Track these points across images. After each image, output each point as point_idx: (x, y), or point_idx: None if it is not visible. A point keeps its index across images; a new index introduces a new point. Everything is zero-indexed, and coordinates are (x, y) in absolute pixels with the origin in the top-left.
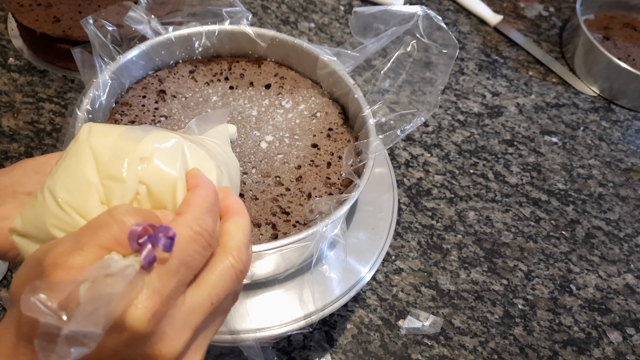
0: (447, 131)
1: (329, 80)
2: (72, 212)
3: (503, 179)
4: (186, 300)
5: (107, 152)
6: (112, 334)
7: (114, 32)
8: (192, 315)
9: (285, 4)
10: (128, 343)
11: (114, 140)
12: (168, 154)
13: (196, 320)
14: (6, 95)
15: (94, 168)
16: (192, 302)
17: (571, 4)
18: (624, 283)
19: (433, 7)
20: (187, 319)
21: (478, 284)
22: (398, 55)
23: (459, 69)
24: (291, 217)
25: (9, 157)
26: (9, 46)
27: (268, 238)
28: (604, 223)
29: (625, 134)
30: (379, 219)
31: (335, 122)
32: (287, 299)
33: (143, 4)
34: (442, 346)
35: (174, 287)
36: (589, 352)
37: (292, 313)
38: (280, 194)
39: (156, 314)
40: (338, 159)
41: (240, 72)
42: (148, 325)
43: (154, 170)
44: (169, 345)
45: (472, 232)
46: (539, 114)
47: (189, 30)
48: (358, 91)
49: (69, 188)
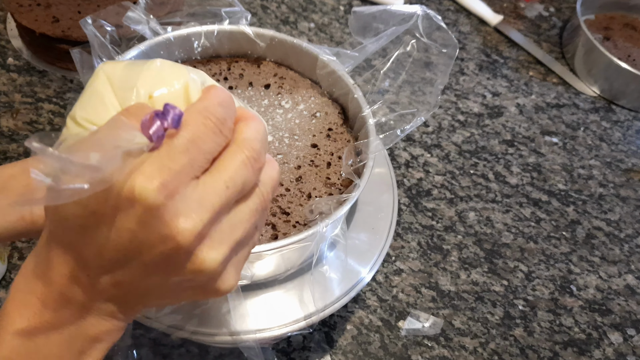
0: (447, 131)
1: (328, 80)
2: (89, 125)
3: (503, 180)
4: (200, 182)
5: (119, 72)
6: (125, 211)
7: (112, 32)
8: (207, 196)
9: (285, 4)
10: (142, 220)
11: (125, 64)
12: (178, 67)
13: (212, 202)
14: (5, 96)
15: (107, 84)
16: (207, 184)
17: (571, 4)
18: (625, 284)
19: (433, 7)
20: (203, 200)
21: (478, 285)
22: (398, 55)
23: (459, 69)
24: (291, 218)
25: (8, 157)
26: (8, 46)
27: (268, 238)
28: (605, 224)
29: (626, 134)
30: (379, 219)
31: (335, 122)
32: (287, 300)
33: (142, 4)
34: (442, 347)
35: (183, 163)
36: (590, 353)
37: (292, 314)
38: (280, 195)
39: (165, 184)
40: (338, 159)
41: (240, 72)
42: (157, 194)
43: (166, 75)
44: (186, 223)
45: (472, 232)
46: (539, 114)
47: (187, 30)
48: (358, 91)
49: (86, 107)
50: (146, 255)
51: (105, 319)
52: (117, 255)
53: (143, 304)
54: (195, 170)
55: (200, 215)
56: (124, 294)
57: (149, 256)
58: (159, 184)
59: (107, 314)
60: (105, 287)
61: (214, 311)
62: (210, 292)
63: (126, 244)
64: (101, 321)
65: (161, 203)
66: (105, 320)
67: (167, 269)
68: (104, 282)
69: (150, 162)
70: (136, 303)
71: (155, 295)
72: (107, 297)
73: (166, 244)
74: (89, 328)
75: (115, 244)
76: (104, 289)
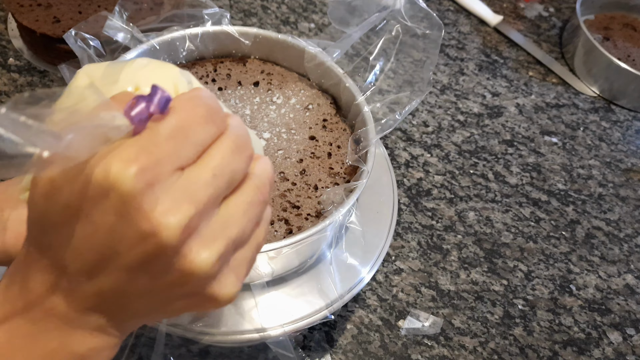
0: (447, 131)
1: (317, 71)
2: None
3: (503, 180)
4: (184, 173)
5: (102, 70)
6: (100, 202)
7: (97, 44)
8: (193, 186)
9: (285, 5)
10: (118, 211)
11: (108, 63)
12: (166, 65)
13: (199, 192)
14: (6, 96)
15: (88, 81)
16: (191, 174)
17: (571, 5)
18: (624, 283)
19: (433, 8)
20: (188, 190)
21: (478, 285)
22: (384, 41)
23: (459, 69)
24: (302, 211)
25: None
26: (9, 46)
27: (283, 233)
28: (604, 223)
29: (625, 134)
30: (379, 218)
31: (329, 113)
32: (304, 292)
33: (116, 12)
34: (442, 346)
35: (168, 151)
36: (589, 352)
37: (313, 304)
38: (287, 189)
39: (144, 170)
40: (337, 149)
41: (227, 73)
42: (135, 180)
43: (154, 73)
44: (169, 215)
45: (472, 232)
46: (539, 114)
47: (172, 35)
48: (348, 80)
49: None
50: (127, 256)
51: (93, 335)
52: (95, 256)
53: (134, 317)
54: (181, 160)
55: (186, 207)
56: (110, 303)
57: (130, 256)
58: (138, 169)
59: (95, 328)
60: (87, 295)
61: (240, 308)
62: (207, 300)
63: (104, 242)
64: (88, 337)
65: (139, 191)
66: (93, 337)
67: (153, 272)
68: (86, 289)
69: (129, 144)
70: (126, 315)
71: (145, 305)
72: (91, 306)
73: (148, 241)
74: (75, 344)
75: (92, 242)
76: (86, 297)
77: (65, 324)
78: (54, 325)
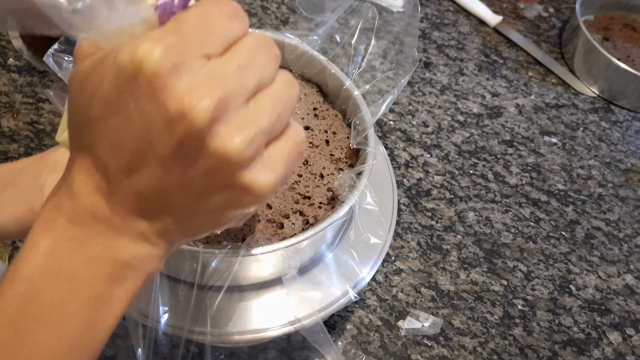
0: (446, 132)
1: (299, 62)
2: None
3: (503, 180)
4: (211, 61)
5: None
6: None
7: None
8: (220, 72)
9: (285, 5)
10: (147, 94)
11: None
12: None
13: (226, 80)
14: (6, 96)
15: None
16: (217, 63)
17: (571, 5)
18: (624, 284)
19: (433, 8)
20: (215, 76)
21: (478, 285)
22: (361, 24)
23: (459, 69)
24: (314, 200)
25: (9, 158)
26: (9, 47)
27: (300, 224)
28: (604, 224)
29: (625, 135)
30: (379, 219)
31: (317, 101)
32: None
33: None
34: (441, 347)
35: (192, 37)
36: (589, 352)
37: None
38: (295, 182)
39: (170, 49)
40: (333, 135)
41: None
42: (161, 58)
43: None
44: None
45: (471, 232)
46: (539, 114)
47: None
48: (333, 66)
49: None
50: (159, 144)
51: (137, 242)
52: (131, 147)
53: (176, 224)
54: (206, 48)
55: (215, 90)
56: (150, 204)
57: (163, 144)
58: (163, 49)
59: (138, 235)
60: (128, 195)
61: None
62: (243, 192)
63: (136, 131)
64: (132, 244)
65: (166, 71)
66: (137, 244)
67: (186, 160)
68: (126, 189)
69: (154, 31)
70: (168, 221)
71: (184, 205)
72: (132, 209)
73: (178, 124)
74: (119, 251)
75: (126, 134)
76: (127, 198)
77: (109, 229)
78: (98, 230)
